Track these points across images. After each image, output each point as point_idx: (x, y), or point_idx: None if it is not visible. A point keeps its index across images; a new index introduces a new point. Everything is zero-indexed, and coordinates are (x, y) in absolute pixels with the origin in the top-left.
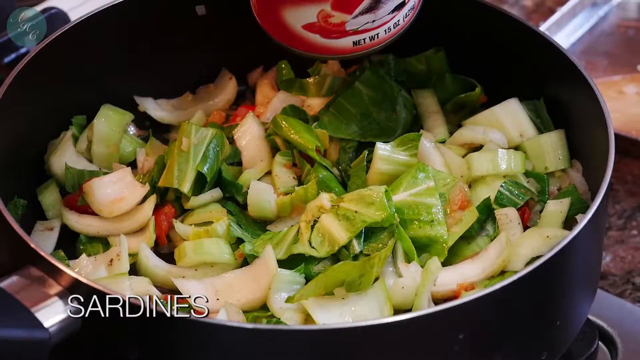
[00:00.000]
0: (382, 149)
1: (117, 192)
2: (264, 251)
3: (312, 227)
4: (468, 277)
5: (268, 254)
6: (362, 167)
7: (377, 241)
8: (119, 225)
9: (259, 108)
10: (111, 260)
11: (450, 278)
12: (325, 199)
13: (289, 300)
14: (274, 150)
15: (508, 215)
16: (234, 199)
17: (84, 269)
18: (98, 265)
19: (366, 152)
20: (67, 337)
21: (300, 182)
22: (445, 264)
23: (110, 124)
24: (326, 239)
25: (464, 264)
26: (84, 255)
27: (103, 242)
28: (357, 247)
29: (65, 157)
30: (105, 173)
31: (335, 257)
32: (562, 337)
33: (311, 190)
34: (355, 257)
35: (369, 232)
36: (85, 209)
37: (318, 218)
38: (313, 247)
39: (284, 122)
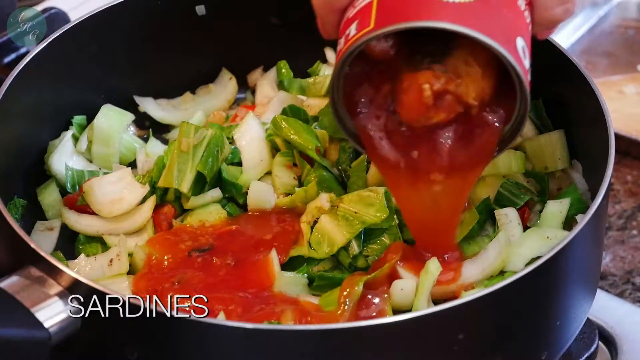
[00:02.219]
0: None
1: (116, 192)
2: (269, 254)
3: (312, 227)
4: (468, 277)
5: (272, 257)
6: (362, 167)
7: (376, 242)
8: (118, 225)
9: (259, 108)
10: (111, 260)
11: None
12: (324, 199)
13: None
14: (274, 150)
15: (508, 216)
16: (233, 199)
17: (82, 269)
18: (97, 266)
19: None
20: (67, 337)
21: (301, 183)
22: None
23: (110, 124)
24: (325, 239)
25: (463, 264)
26: (82, 256)
27: (102, 242)
28: (356, 248)
29: (65, 157)
30: (106, 173)
31: (335, 258)
32: (562, 337)
33: (311, 191)
34: (355, 258)
35: (369, 233)
36: (85, 209)
37: (318, 219)
38: (312, 249)
39: (283, 123)
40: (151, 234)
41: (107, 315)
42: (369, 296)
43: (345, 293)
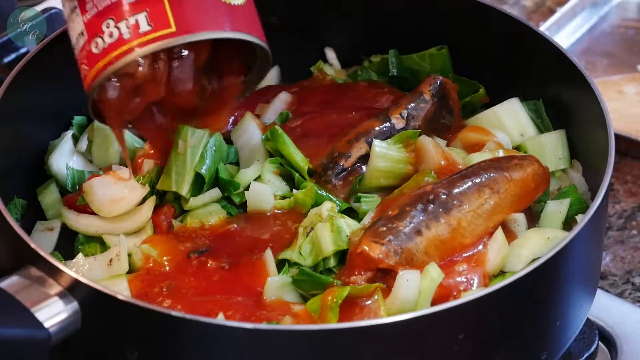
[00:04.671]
0: (379, 146)
1: (116, 192)
2: (263, 255)
3: (308, 234)
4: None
5: (266, 257)
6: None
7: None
8: (118, 225)
9: (259, 108)
10: (110, 260)
11: None
12: (325, 208)
13: None
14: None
15: (517, 220)
16: (229, 198)
17: (80, 268)
18: (96, 265)
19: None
20: (67, 337)
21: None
22: None
23: None
24: (314, 249)
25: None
26: (80, 255)
27: (101, 242)
28: (332, 262)
29: (66, 157)
30: None
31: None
32: (562, 337)
33: (310, 194)
34: (327, 271)
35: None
36: (85, 209)
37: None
38: (301, 255)
39: (279, 137)
40: (150, 234)
41: (107, 315)
42: (362, 301)
43: (329, 298)
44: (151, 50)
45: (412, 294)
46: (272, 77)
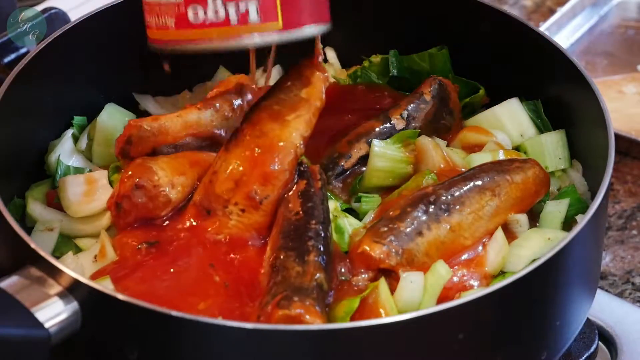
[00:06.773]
0: (378, 146)
1: (88, 193)
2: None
3: None
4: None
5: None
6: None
7: None
8: (80, 227)
9: None
10: (95, 257)
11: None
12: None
13: None
14: None
15: (519, 221)
16: None
17: (69, 266)
18: (82, 262)
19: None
20: (67, 337)
21: None
22: None
23: (113, 123)
24: None
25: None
26: (70, 254)
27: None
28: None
29: (65, 156)
30: None
31: None
32: (562, 337)
33: None
34: None
35: None
36: (59, 205)
37: None
38: None
39: None
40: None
41: (107, 315)
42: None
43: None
44: (256, 44)
45: (417, 295)
46: (273, 77)
